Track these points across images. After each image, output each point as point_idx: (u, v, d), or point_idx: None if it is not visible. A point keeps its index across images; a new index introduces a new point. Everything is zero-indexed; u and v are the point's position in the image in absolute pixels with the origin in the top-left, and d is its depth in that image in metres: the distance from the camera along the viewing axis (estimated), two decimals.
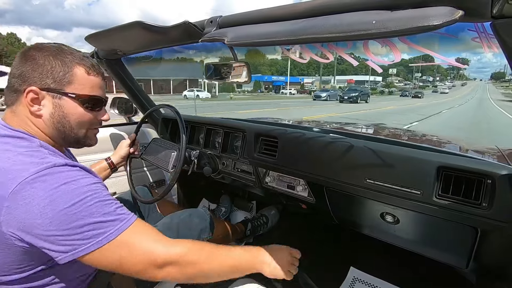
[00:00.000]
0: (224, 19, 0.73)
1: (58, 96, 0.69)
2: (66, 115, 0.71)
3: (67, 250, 0.57)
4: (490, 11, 0.42)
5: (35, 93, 0.66)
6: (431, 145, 1.12)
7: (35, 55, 0.67)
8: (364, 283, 1.40)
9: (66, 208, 0.56)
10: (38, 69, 0.66)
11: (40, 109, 0.68)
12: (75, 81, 0.70)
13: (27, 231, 0.55)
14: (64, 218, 0.56)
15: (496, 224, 0.80)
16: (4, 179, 0.56)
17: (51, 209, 0.55)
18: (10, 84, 0.68)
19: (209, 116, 1.76)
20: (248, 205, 1.95)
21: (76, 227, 0.56)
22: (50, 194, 0.55)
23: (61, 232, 0.56)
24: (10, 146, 0.62)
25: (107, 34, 1.01)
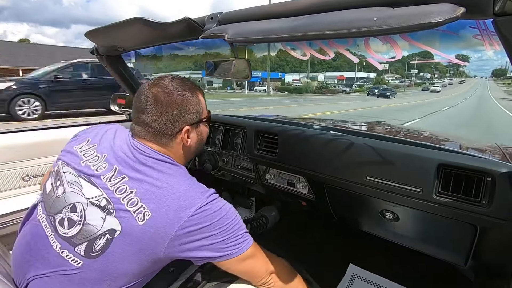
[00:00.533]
0: (225, 16, 0.72)
1: (198, 124, 0.81)
2: (203, 137, 0.85)
3: (222, 255, 0.69)
4: (492, 8, 0.42)
5: (187, 131, 0.77)
6: (431, 143, 1.12)
7: (172, 99, 0.74)
8: (363, 280, 1.41)
9: (229, 223, 0.69)
10: (185, 111, 0.75)
11: (191, 141, 0.79)
12: (203, 107, 0.81)
13: (190, 245, 0.66)
14: (227, 229, 0.69)
15: (495, 222, 0.80)
16: (182, 203, 0.66)
17: (220, 223, 0.68)
18: (159, 129, 0.74)
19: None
20: (248, 202, 1.95)
21: (233, 236, 0.69)
22: (219, 214, 0.68)
23: (223, 241, 0.68)
24: (173, 172, 0.72)
25: (107, 31, 1.01)
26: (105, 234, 0.64)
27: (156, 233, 0.63)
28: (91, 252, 0.64)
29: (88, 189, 0.68)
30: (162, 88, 0.74)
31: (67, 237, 0.66)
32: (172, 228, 0.63)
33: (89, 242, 0.64)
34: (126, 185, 0.67)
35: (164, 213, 0.64)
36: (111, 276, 0.65)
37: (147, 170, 0.69)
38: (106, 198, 0.66)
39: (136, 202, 0.64)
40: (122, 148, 0.73)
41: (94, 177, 0.69)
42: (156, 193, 0.66)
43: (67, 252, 0.65)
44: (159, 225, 0.63)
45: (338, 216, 1.30)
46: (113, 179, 0.68)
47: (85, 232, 0.65)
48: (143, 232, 0.63)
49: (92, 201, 0.66)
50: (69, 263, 0.65)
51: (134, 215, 0.63)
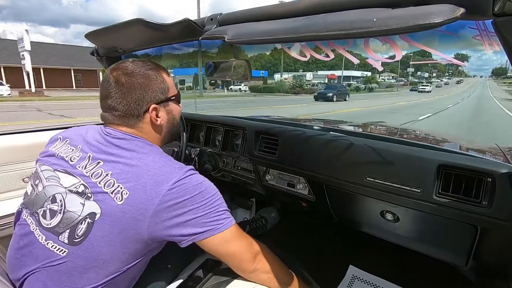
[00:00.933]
0: (224, 17, 0.72)
1: (167, 103, 0.81)
2: (174, 116, 0.84)
3: (204, 230, 0.68)
4: (491, 8, 0.42)
5: (155, 109, 0.77)
6: (431, 143, 1.12)
7: (133, 80, 0.74)
8: (363, 281, 1.40)
9: (210, 197, 0.70)
10: (148, 89, 0.76)
11: (161, 120, 0.79)
12: (168, 85, 0.81)
13: (171, 221, 0.66)
14: (208, 204, 0.69)
15: (496, 223, 0.80)
16: (158, 179, 0.66)
17: (200, 197, 0.68)
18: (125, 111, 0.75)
19: (209, 114, 1.76)
20: (248, 203, 1.95)
21: (215, 211, 0.70)
22: (198, 188, 0.69)
23: (205, 216, 0.68)
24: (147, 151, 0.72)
25: (107, 32, 1.01)
26: (86, 218, 0.65)
27: (136, 210, 0.64)
28: (74, 239, 0.65)
29: (66, 179, 0.70)
30: (122, 71, 0.75)
31: (50, 227, 0.67)
32: (151, 204, 0.64)
33: (71, 228, 0.66)
34: (101, 169, 0.68)
35: (142, 189, 0.65)
36: (97, 263, 0.65)
37: (120, 151, 0.71)
38: (84, 184, 0.67)
39: (112, 183, 0.66)
40: (95, 137, 0.75)
41: (70, 167, 0.71)
42: (131, 172, 0.67)
43: (52, 242, 0.67)
44: (138, 202, 0.64)
45: (338, 217, 1.30)
46: (88, 166, 0.70)
47: (66, 220, 0.66)
48: (122, 211, 0.64)
49: (70, 189, 0.68)
50: (55, 253, 0.66)
51: (112, 195, 0.65)
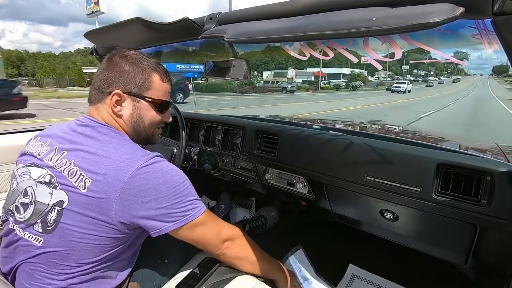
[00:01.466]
0: (224, 16, 0.72)
1: (137, 99, 0.78)
2: (142, 116, 0.80)
3: (171, 221, 0.68)
4: (491, 8, 0.42)
5: (119, 96, 0.75)
6: (430, 143, 1.12)
7: (120, 62, 0.75)
8: (363, 280, 1.40)
9: (176, 186, 0.69)
10: (123, 75, 0.75)
11: (121, 109, 0.77)
12: (152, 87, 0.79)
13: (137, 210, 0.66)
14: (174, 194, 0.68)
15: (495, 221, 0.80)
16: (120, 165, 0.66)
17: (165, 187, 0.67)
18: (96, 85, 0.77)
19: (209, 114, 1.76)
20: (247, 202, 1.95)
21: (181, 202, 0.69)
22: (163, 176, 0.68)
23: (171, 206, 0.68)
24: (109, 138, 0.72)
25: (106, 31, 1.01)
26: (55, 206, 0.66)
27: (100, 198, 0.64)
28: (47, 227, 0.67)
29: (35, 172, 0.71)
30: (121, 53, 0.77)
31: (25, 220, 0.69)
32: (114, 191, 0.64)
33: (43, 218, 0.67)
34: (65, 159, 0.69)
35: (103, 177, 0.65)
36: (73, 250, 0.67)
37: (83, 139, 0.71)
38: (50, 174, 0.69)
39: (75, 171, 0.66)
40: (62, 129, 0.76)
41: (39, 160, 0.72)
42: (92, 159, 0.67)
43: (28, 233, 0.69)
44: (101, 189, 0.64)
45: (338, 216, 1.30)
46: (54, 157, 0.71)
47: (38, 210, 0.68)
48: (88, 199, 0.65)
49: (39, 180, 0.70)
50: (33, 243, 0.68)
51: (75, 184, 0.65)
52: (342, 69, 56.05)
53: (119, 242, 0.71)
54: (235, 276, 0.85)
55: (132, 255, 0.81)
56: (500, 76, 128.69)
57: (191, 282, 0.82)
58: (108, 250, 0.70)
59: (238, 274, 0.85)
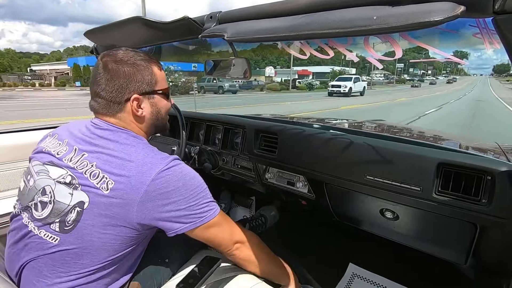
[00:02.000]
0: (224, 15, 0.72)
1: (152, 96, 0.80)
2: (159, 110, 0.83)
3: (188, 222, 0.70)
4: (492, 6, 0.41)
5: (137, 100, 0.77)
6: (431, 142, 1.12)
7: (120, 67, 0.75)
8: (363, 279, 1.41)
9: (194, 189, 0.71)
10: (132, 79, 0.75)
11: (142, 111, 0.79)
12: (158, 79, 0.80)
13: (158, 212, 0.68)
14: (192, 196, 0.70)
15: (495, 221, 0.80)
16: (143, 169, 0.67)
17: (184, 189, 0.69)
18: (107, 97, 0.75)
19: (209, 113, 1.76)
20: (247, 201, 1.95)
21: (198, 204, 0.71)
22: (182, 179, 0.70)
23: (188, 208, 0.70)
24: (130, 142, 0.73)
25: (106, 30, 1.01)
26: (75, 207, 0.67)
27: (122, 200, 0.66)
28: (65, 227, 0.67)
29: (54, 171, 0.72)
30: (112, 57, 0.76)
31: (42, 218, 0.69)
32: (137, 193, 0.66)
33: (62, 218, 0.68)
34: (86, 160, 0.70)
35: (126, 180, 0.66)
36: (89, 250, 0.67)
37: (104, 142, 0.72)
38: (71, 175, 0.69)
39: (97, 173, 0.67)
40: (80, 130, 0.77)
41: (58, 160, 0.73)
42: (115, 162, 0.68)
43: (44, 231, 0.69)
44: (123, 192, 0.66)
45: (338, 215, 1.30)
46: (74, 158, 0.71)
47: (56, 210, 0.68)
48: (109, 201, 0.66)
49: (59, 180, 0.70)
50: (48, 242, 0.68)
51: (98, 185, 0.66)
52: (324, 68, 51.55)
53: (133, 242, 0.73)
54: (236, 275, 0.85)
55: (139, 254, 0.82)
56: (501, 75, 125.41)
57: (192, 280, 0.83)
58: (123, 249, 0.71)
59: (239, 273, 0.85)
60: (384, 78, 58.85)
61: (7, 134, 1.34)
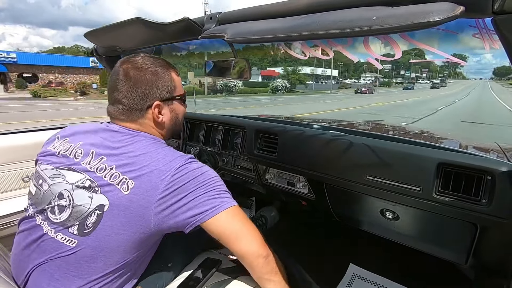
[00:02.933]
0: (224, 16, 0.72)
1: (171, 102, 0.82)
2: (177, 115, 0.85)
3: (208, 209, 0.68)
4: (491, 7, 0.42)
5: (158, 106, 0.78)
6: (431, 142, 1.12)
7: (140, 74, 0.76)
8: (363, 279, 1.40)
9: (211, 178, 0.72)
10: (154, 86, 0.77)
11: (163, 118, 0.80)
12: (176, 84, 0.82)
13: (175, 205, 0.67)
14: (212, 183, 0.71)
15: (495, 221, 0.80)
16: (162, 166, 0.69)
17: (202, 178, 0.70)
18: (128, 104, 0.76)
19: (209, 113, 1.76)
20: (248, 202, 1.95)
21: (216, 189, 0.71)
22: (199, 170, 0.72)
23: (207, 194, 0.69)
24: (149, 144, 0.74)
25: (106, 31, 1.01)
26: (95, 210, 0.67)
27: (142, 198, 0.66)
28: (84, 230, 0.67)
29: (71, 176, 0.71)
30: (132, 64, 0.76)
31: (60, 221, 0.69)
32: (156, 190, 0.66)
33: (81, 221, 0.67)
34: (105, 164, 0.70)
35: (146, 178, 0.67)
36: (104, 252, 0.67)
37: (123, 146, 0.73)
38: (90, 179, 0.69)
39: (117, 175, 0.68)
40: (97, 133, 0.77)
41: (74, 164, 0.73)
42: (135, 163, 0.69)
43: (61, 234, 0.68)
44: (144, 190, 0.66)
45: (338, 216, 1.30)
46: (91, 161, 0.71)
47: (76, 213, 0.68)
48: (130, 200, 0.66)
49: (77, 184, 0.70)
50: (65, 245, 0.68)
51: (118, 187, 0.67)
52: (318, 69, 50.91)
53: (144, 244, 0.72)
54: (236, 277, 0.85)
55: (146, 260, 0.81)
56: (502, 78, 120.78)
57: (192, 283, 0.82)
58: (134, 252, 0.71)
59: (239, 275, 0.85)
60: (374, 80, 56.26)
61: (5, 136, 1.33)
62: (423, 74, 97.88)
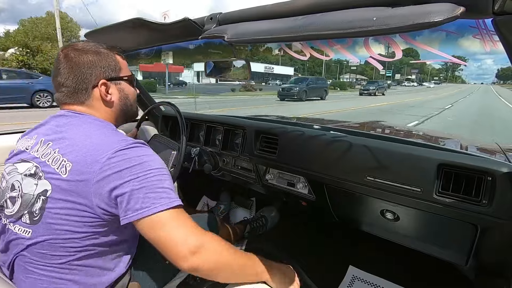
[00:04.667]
0: (224, 16, 0.72)
1: (118, 82, 0.82)
2: (127, 95, 0.85)
3: (141, 208, 0.63)
4: (491, 7, 0.42)
5: (105, 84, 0.78)
6: (431, 142, 1.12)
7: (81, 55, 0.76)
8: (363, 281, 1.40)
9: (150, 171, 0.66)
10: (96, 65, 0.77)
11: (111, 97, 0.80)
12: (122, 66, 0.83)
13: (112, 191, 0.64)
14: (148, 177, 0.65)
15: (496, 221, 0.80)
16: (99, 148, 0.66)
17: (140, 168, 0.65)
18: (71, 87, 0.75)
19: (209, 114, 1.76)
20: (248, 202, 1.95)
21: (155, 187, 0.65)
22: (139, 158, 0.67)
23: (143, 190, 0.64)
24: (95, 126, 0.73)
25: (107, 31, 1.01)
26: (39, 196, 0.67)
27: (80, 181, 0.65)
28: (33, 217, 0.68)
29: (21, 167, 0.72)
30: (73, 47, 0.77)
31: (14, 213, 0.70)
32: (92, 172, 0.64)
33: (29, 209, 0.68)
34: (50, 148, 0.70)
35: (83, 159, 0.65)
36: (59, 239, 0.67)
37: (69, 128, 0.72)
38: (36, 165, 0.70)
39: (58, 158, 0.67)
40: (48, 121, 0.77)
41: (25, 154, 0.74)
42: (76, 145, 0.68)
43: (18, 226, 0.70)
44: (80, 171, 0.65)
45: (338, 216, 1.30)
46: (39, 148, 0.72)
47: (24, 202, 0.69)
48: (69, 184, 0.65)
49: (25, 173, 0.71)
50: (22, 236, 0.69)
51: (57, 170, 0.66)
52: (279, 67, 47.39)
53: (101, 230, 0.69)
54: None
55: (126, 249, 0.79)
56: (506, 83, 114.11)
57: (192, 282, 0.82)
58: (91, 237, 0.69)
59: None
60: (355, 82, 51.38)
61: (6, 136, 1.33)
62: (412, 75, 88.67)
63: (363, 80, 57.63)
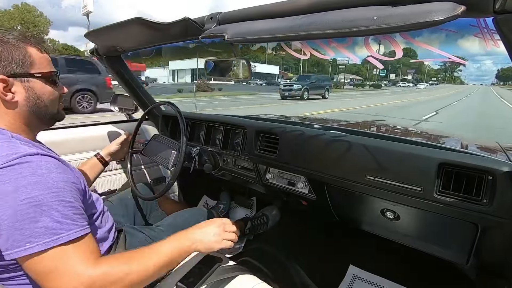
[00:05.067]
0: (224, 16, 0.72)
1: (26, 79, 0.70)
2: (39, 96, 0.72)
3: (13, 247, 0.55)
4: (492, 6, 0.42)
5: (4, 82, 0.66)
6: (432, 141, 1.12)
7: None
8: (363, 280, 1.40)
9: (27, 199, 0.56)
10: None
11: (14, 96, 0.68)
12: (34, 60, 0.70)
13: None
14: (21, 209, 0.55)
15: (496, 221, 0.80)
16: None
17: (12, 197, 0.55)
18: None
19: (209, 113, 1.76)
20: (248, 201, 1.95)
21: (31, 222, 0.55)
22: (15, 183, 0.56)
23: (14, 225, 0.55)
24: None
25: (107, 31, 1.01)
26: None
27: None
28: None
29: None
30: None
31: None
32: None
33: None
34: None
35: None
36: None
37: None
38: None
39: None
40: None
41: None
42: None
43: None
44: None
45: (339, 216, 1.30)
46: None
47: None
48: None
49: None
50: None
51: None
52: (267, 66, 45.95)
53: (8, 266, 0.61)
54: (236, 275, 0.85)
55: None
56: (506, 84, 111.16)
57: (192, 279, 0.82)
58: None
59: (239, 273, 0.85)
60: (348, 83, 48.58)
61: None
62: (408, 76, 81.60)
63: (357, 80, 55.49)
